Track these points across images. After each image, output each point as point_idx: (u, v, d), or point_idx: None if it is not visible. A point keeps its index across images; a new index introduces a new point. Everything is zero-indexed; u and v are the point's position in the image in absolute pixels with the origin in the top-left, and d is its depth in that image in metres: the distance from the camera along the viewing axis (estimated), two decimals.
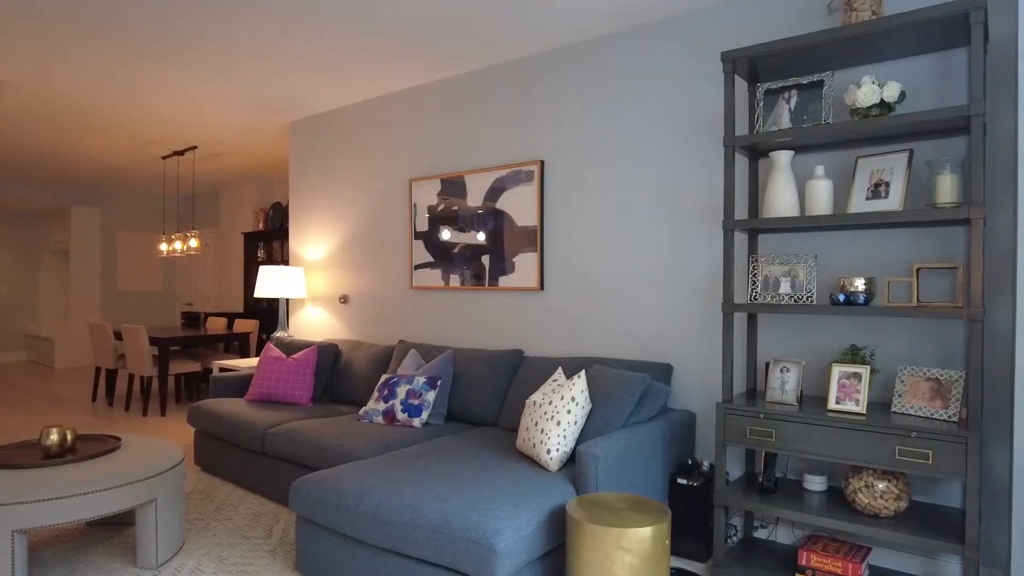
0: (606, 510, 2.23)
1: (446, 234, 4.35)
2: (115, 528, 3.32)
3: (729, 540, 3.03)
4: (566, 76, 3.75)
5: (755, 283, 2.75)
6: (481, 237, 4.14)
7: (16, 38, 3.75)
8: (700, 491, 2.92)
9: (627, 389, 2.85)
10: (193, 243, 6.84)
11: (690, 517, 2.92)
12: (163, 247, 7.19)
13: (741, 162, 3.09)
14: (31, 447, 3.01)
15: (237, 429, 3.85)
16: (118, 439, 3.16)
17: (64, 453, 2.90)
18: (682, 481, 2.95)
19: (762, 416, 2.53)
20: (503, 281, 4.02)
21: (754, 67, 2.76)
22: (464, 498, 2.33)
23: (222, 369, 5.15)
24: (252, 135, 6.14)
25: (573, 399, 2.78)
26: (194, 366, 6.52)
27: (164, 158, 7.26)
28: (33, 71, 4.33)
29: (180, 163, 7.55)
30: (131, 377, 6.45)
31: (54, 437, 2.87)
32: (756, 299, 2.74)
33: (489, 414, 3.64)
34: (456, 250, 4.29)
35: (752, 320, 3.02)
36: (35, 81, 4.55)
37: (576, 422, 2.77)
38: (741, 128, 3.09)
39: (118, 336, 6.66)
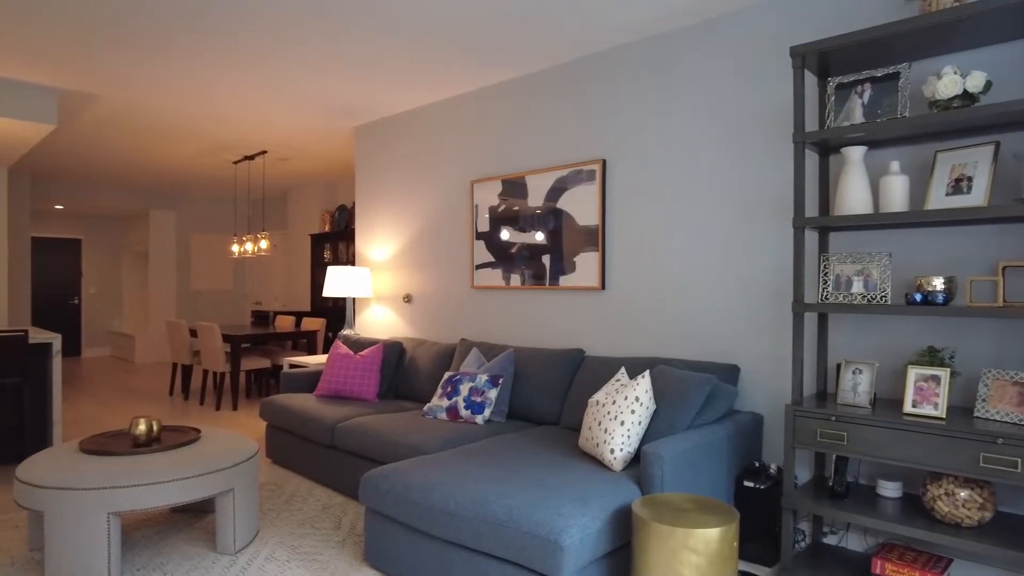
0: (672, 510, 2.22)
1: (507, 234, 4.39)
2: (194, 515, 3.50)
3: (797, 545, 2.96)
4: (628, 74, 3.74)
5: (826, 282, 2.68)
6: (542, 237, 4.17)
7: (105, 55, 3.99)
8: (767, 494, 2.86)
9: (693, 390, 2.82)
10: (263, 244, 7.11)
11: (757, 520, 2.86)
12: (235, 248, 7.50)
13: (810, 158, 3.02)
14: (122, 436, 3.20)
15: (307, 423, 3.99)
16: (198, 431, 3.33)
17: (151, 442, 3.07)
18: (748, 484, 2.90)
19: (833, 419, 2.46)
20: (564, 280, 4.03)
21: (824, 61, 2.69)
22: (529, 495, 2.36)
23: (292, 365, 5.34)
24: (319, 140, 6.34)
25: (637, 399, 2.78)
26: (264, 363, 6.77)
27: (235, 163, 7.58)
28: (119, 85, 4.60)
29: (250, 167, 7.86)
30: (205, 373, 6.76)
31: (142, 427, 3.05)
32: (827, 299, 2.67)
33: (550, 413, 3.66)
34: (517, 250, 4.33)
35: (822, 320, 2.94)
36: (121, 94, 4.83)
37: (640, 422, 2.76)
38: (810, 124, 3.02)
39: (193, 334, 6.98)
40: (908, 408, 2.40)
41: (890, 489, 2.61)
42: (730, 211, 3.32)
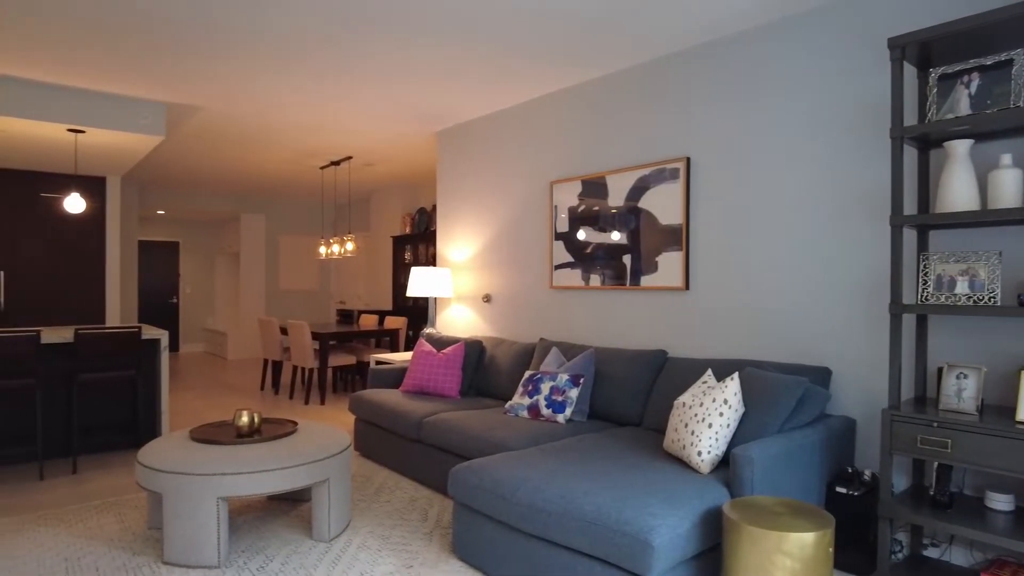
0: (764, 513, 2.19)
1: (586, 234, 4.41)
2: (290, 503, 3.70)
3: (895, 556, 2.85)
4: (713, 71, 3.68)
5: (926, 283, 2.57)
6: (622, 237, 4.16)
7: (208, 70, 4.26)
8: (861, 501, 2.77)
9: (784, 393, 2.76)
10: (350, 246, 7.39)
11: (850, 528, 2.77)
12: (322, 250, 7.82)
13: (908, 154, 2.89)
14: (226, 427, 3.42)
15: (394, 418, 4.14)
16: (295, 423, 3.51)
17: (252, 433, 3.27)
18: (841, 490, 2.81)
19: (936, 425, 2.36)
20: (645, 281, 4.01)
21: (925, 51, 2.58)
22: (617, 493, 2.38)
23: (378, 362, 5.53)
24: (402, 145, 6.54)
25: (725, 401, 2.74)
26: (349, 359, 7.04)
27: (322, 168, 7.91)
28: (220, 97, 4.90)
29: (336, 172, 8.19)
30: (294, 368, 7.09)
31: (245, 419, 3.25)
32: (927, 300, 2.56)
33: (632, 414, 3.66)
34: (597, 250, 4.33)
35: (921, 322, 2.82)
36: (221, 105, 5.14)
37: (728, 425, 2.73)
38: (908, 118, 2.89)
39: (284, 331, 7.34)
40: (1022, 416, 2.27)
41: (1001, 502, 2.47)
42: (821, 209, 3.22)
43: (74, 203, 5.32)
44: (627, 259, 4.12)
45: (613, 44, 3.78)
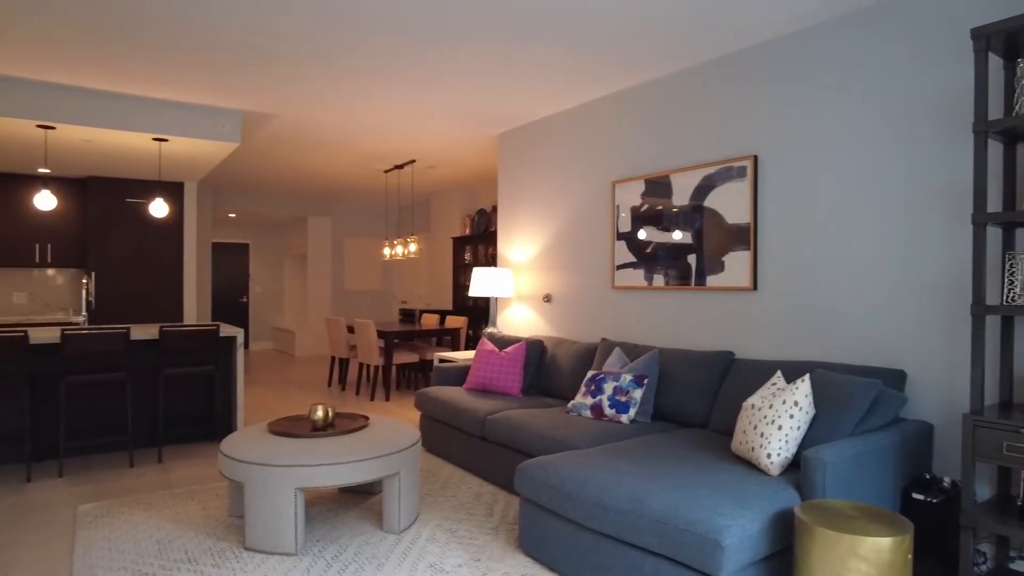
0: (837, 517, 2.15)
1: (650, 234, 4.39)
2: (360, 495, 3.82)
3: (978, 567, 2.74)
4: (782, 67, 3.62)
5: (1012, 283, 2.47)
6: (687, 236, 4.13)
7: (284, 79, 4.45)
8: (940, 509, 2.68)
9: (856, 395, 2.70)
10: (413, 247, 7.56)
11: (928, 536, 2.69)
12: (386, 251, 8.02)
13: (992, 148, 2.78)
14: (302, 420, 3.57)
15: (459, 414, 4.23)
16: (367, 418, 3.63)
17: (326, 427, 3.40)
18: (919, 496, 2.73)
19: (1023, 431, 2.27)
20: (711, 281, 3.97)
21: (1012, 42, 2.48)
22: (686, 493, 2.38)
23: (441, 360, 5.65)
24: (463, 148, 6.66)
25: (796, 403, 2.70)
26: (412, 357, 7.20)
27: (386, 172, 8.12)
28: (293, 105, 5.11)
29: (400, 176, 8.38)
30: (360, 365, 7.30)
31: (320, 414, 3.38)
32: (1013, 301, 2.46)
33: (698, 415, 3.63)
34: (660, 250, 4.31)
35: (1007, 324, 2.70)
36: (294, 112, 5.35)
37: (799, 427, 2.69)
38: (992, 111, 2.78)
39: (350, 330, 7.56)
40: None
41: None
42: (896, 206, 3.13)
43: (158, 208, 5.63)
44: (692, 259, 4.09)
45: (679, 43, 3.76)
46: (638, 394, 3.70)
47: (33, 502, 3.73)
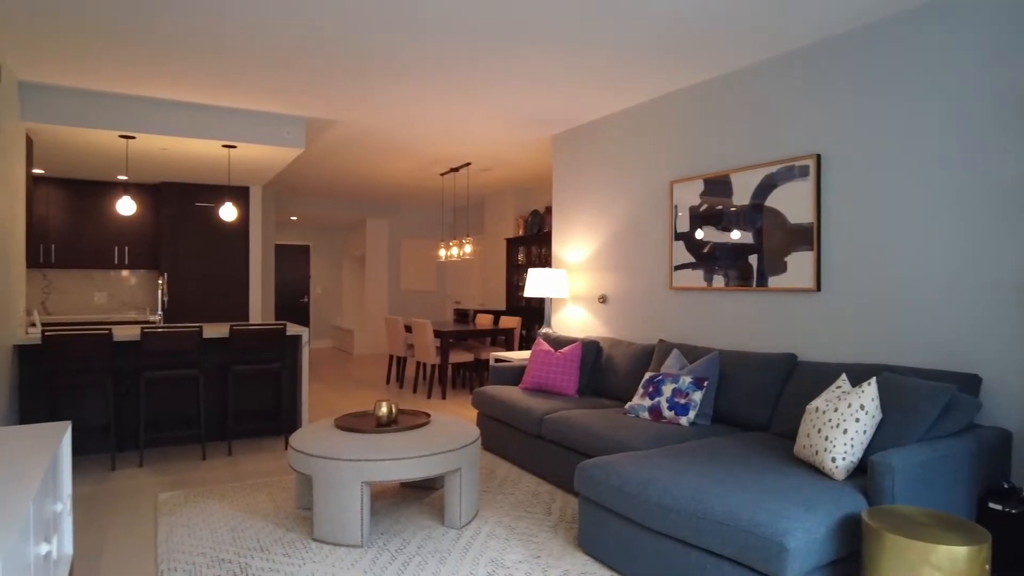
0: (908, 523, 2.11)
1: (709, 234, 4.35)
2: (421, 491, 3.92)
3: None
4: (846, 64, 3.54)
5: None
6: (748, 236, 4.07)
7: (346, 86, 4.60)
8: (1020, 520, 2.57)
9: (926, 399, 2.63)
10: (468, 249, 7.66)
11: (1006, 548, 2.59)
12: (442, 252, 8.16)
13: None
14: (366, 416, 3.69)
15: (516, 413, 4.28)
16: (428, 415, 3.73)
17: (390, 423, 3.50)
18: (995, 506, 2.63)
19: None
20: (773, 282, 3.91)
21: None
22: (748, 496, 2.37)
23: (497, 360, 5.72)
24: (517, 150, 6.72)
25: (862, 407, 2.65)
26: (468, 356, 7.30)
27: (442, 174, 8.25)
28: (352, 110, 5.26)
29: (455, 178, 8.51)
30: (417, 364, 7.45)
31: (384, 410, 3.49)
32: None
33: (759, 418, 3.58)
34: (720, 250, 4.27)
35: None
36: (355, 118, 5.51)
37: (865, 431, 2.63)
38: None
39: (408, 329, 7.72)
40: None
41: None
42: (969, 205, 3.02)
43: (228, 212, 5.88)
44: (753, 259, 4.03)
45: (739, 42, 3.72)
46: (697, 396, 3.68)
47: (118, 489, 3.96)
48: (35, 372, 4.52)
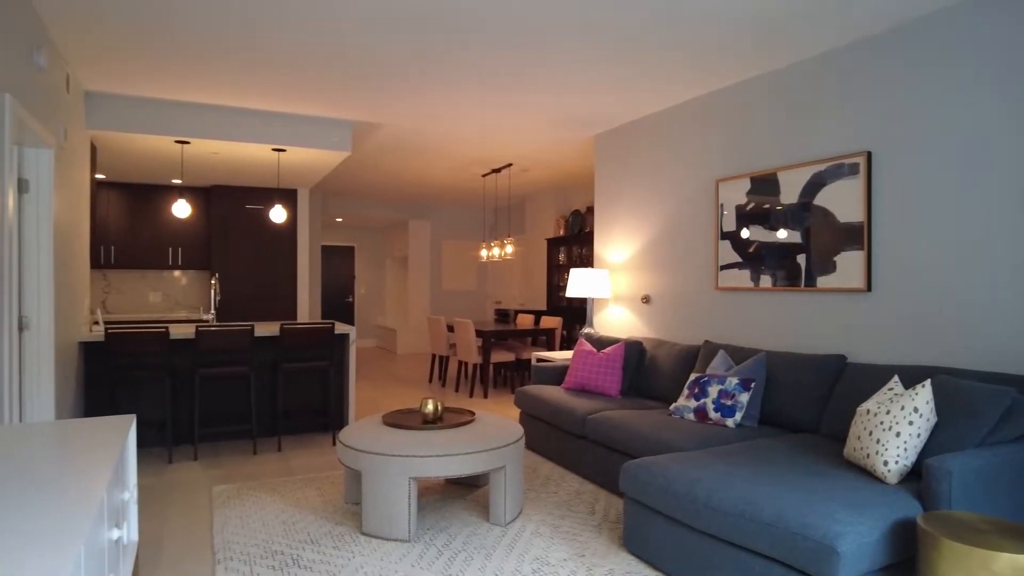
0: (966, 530, 2.06)
1: (756, 233, 4.30)
2: (465, 488, 3.97)
3: None
4: (894, 59, 3.45)
5: None
6: (796, 235, 4.01)
7: (391, 91, 4.68)
8: None
9: (985, 403, 2.56)
10: (509, 249, 7.71)
11: None
12: (483, 253, 8.22)
13: None
14: (412, 413, 3.76)
15: (558, 413, 4.30)
16: (473, 413, 3.77)
17: (435, 420, 3.56)
18: None
19: None
20: (822, 281, 3.84)
21: None
22: (798, 497, 2.34)
23: (539, 360, 5.75)
24: (558, 150, 6.73)
25: (916, 410, 2.59)
26: (509, 356, 7.35)
27: (483, 176, 8.32)
28: (397, 114, 5.35)
29: (497, 179, 8.56)
30: (459, 363, 7.53)
31: (430, 408, 3.55)
32: None
33: (807, 420, 3.53)
34: (767, 250, 4.21)
35: None
36: (398, 121, 5.61)
37: (919, 435, 2.57)
38: None
39: (450, 328, 7.81)
40: None
41: None
42: None
43: (277, 214, 6.05)
44: (801, 259, 3.97)
45: (787, 37, 3.67)
46: (744, 398, 3.64)
47: (175, 481, 4.12)
48: (98, 368, 4.73)
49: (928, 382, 2.67)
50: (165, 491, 3.93)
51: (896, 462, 2.56)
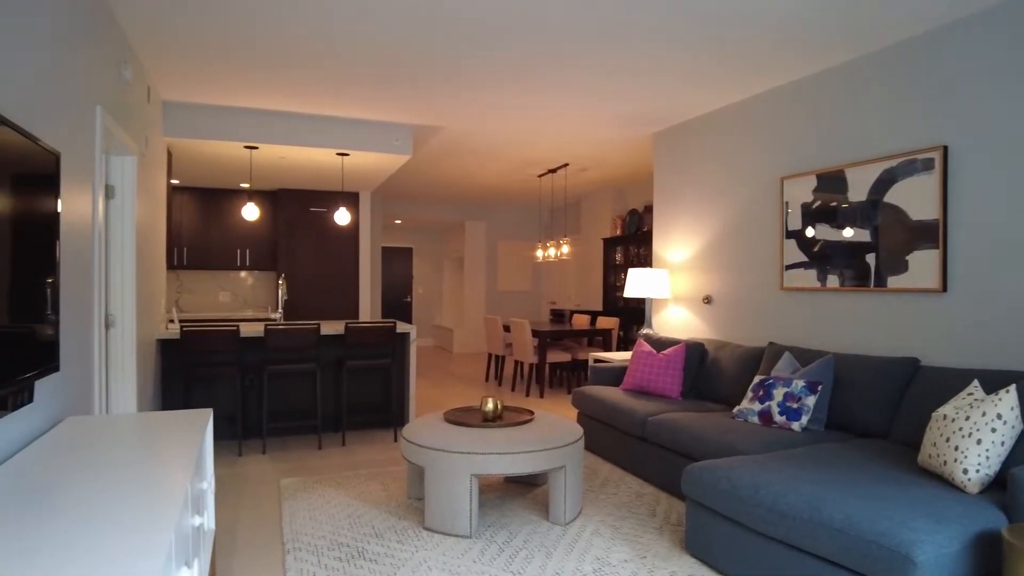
0: None
1: (823, 232, 4.17)
2: (523, 486, 4.00)
3: None
4: (976, 48, 3.29)
5: None
6: (864, 234, 3.88)
7: (451, 94, 4.75)
8: None
9: None
10: (566, 249, 7.71)
11: None
12: (539, 253, 8.24)
13: None
14: (472, 411, 3.81)
15: (617, 414, 4.28)
16: (532, 412, 3.80)
17: (495, 419, 3.60)
18: None
19: None
20: (892, 282, 3.70)
21: None
22: (870, 504, 2.27)
23: (596, 360, 5.73)
24: (615, 149, 6.69)
25: (999, 416, 2.47)
26: (565, 356, 7.34)
27: (540, 176, 8.33)
28: (455, 117, 5.43)
29: (553, 180, 8.57)
30: (516, 363, 7.56)
31: (490, 406, 3.59)
32: None
33: (878, 425, 3.41)
34: (834, 249, 4.08)
35: None
36: (456, 124, 5.68)
37: (1003, 443, 2.46)
38: None
39: (506, 328, 7.86)
40: None
41: None
42: None
43: (342, 216, 6.22)
44: (871, 258, 3.84)
45: (855, 29, 3.55)
46: (811, 401, 3.54)
47: (245, 473, 4.29)
48: (174, 363, 4.97)
49: (1012, 387, 2.54)
50: (236, 482, 4.10)
51: (977, 470, 2.45)
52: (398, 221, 11.90)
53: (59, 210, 2.29)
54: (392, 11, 3.38)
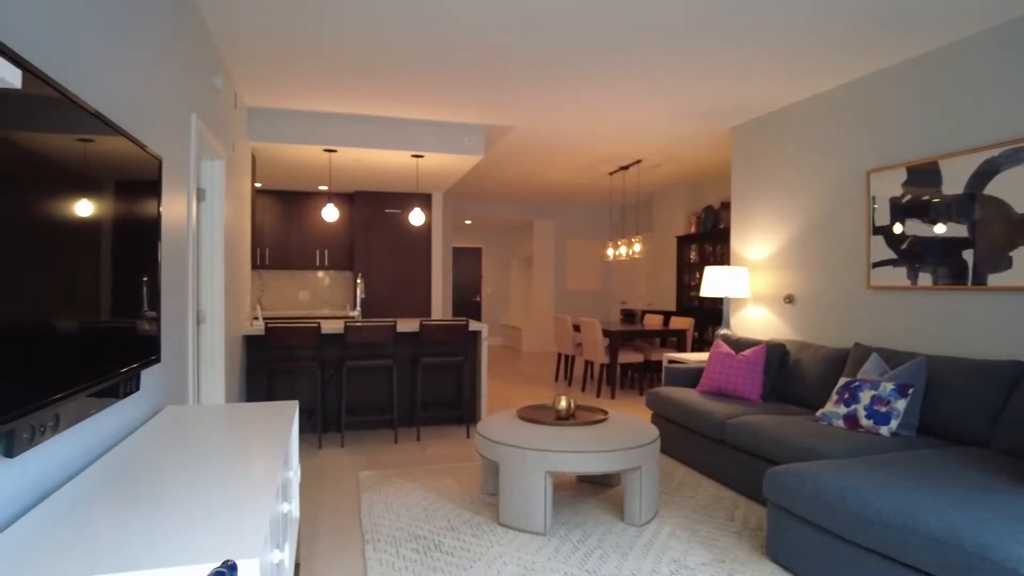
0: None
1: (913, 227, 3.96)
2: (597, 486, 3.97)
3: None
4: None
5: None
6: (960, 229, 3.65)
7: (521, 94, 4.77)
8: None
9: None
10: (637, 248, 7.61)
11: None
12: (609, 252, 8.17)
13: None
14: (545, 409, 3.81)
15: (694, 417, 4.19)
16: (606, 412, 3.77)
17: (568, 417, 3.59)
18: None
19: None
20: (993, 280, 3.47)
21: None
22: (971, 514, 2.14)
23: (671, 361, 5.63)
24: (690, 144, 6.55)
25: None
26: (637, 357, 7.25)
27: (611, 174, 8.26)
28: (527, 117, 5.45)
29: (624, 177, 8.47)
30: (586, 363, 7.52)
31: (563, 404, 3.59)
32: None
33: (976, 432, 3.20)
34: (926, 245, 3.87)
35: None
36: (528, 124, 5.70)
37: None
38: None
39: (576, 328, 7.83)
40: None
41: None
42: None
43: (416, 217, 6.35)
44: (968, 255, 3.61)
45: (950, 11, 3.35)
46: (901, 405, 3.36)
47: (325, 466, 4.44)
48: (257, 358, 5.21)
49: None
50: (317, 474, 4.25)
51: None
52: (468, 221, 12.05)
53: (161, 212, 2.43)
54: (472, 17, 3.43)
